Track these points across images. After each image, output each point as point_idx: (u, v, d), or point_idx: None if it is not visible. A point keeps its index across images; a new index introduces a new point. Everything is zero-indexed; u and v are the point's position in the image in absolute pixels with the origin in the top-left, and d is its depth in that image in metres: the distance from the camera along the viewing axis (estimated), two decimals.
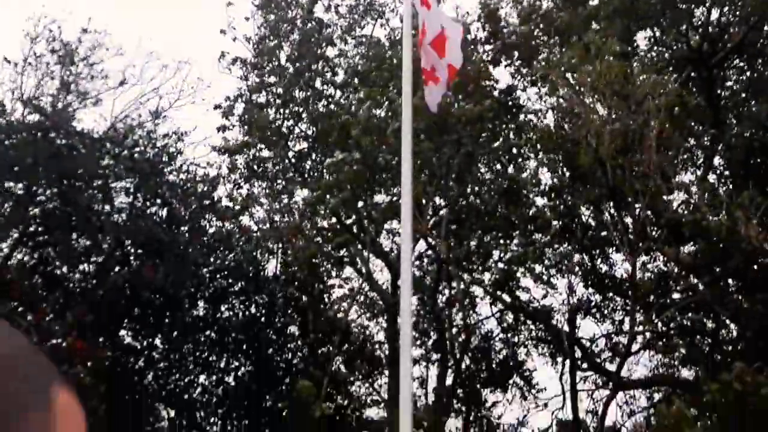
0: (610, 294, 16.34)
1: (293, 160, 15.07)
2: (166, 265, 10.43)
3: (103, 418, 8.90)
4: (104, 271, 10.72)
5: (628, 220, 13.63)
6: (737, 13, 14.01)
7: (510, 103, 14.92)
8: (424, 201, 14.43)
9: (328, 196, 13.74)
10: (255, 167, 14.94)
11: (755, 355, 10.94)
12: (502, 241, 16.27)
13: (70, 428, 0.60)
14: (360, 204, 14.48)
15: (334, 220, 14.98)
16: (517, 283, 17.28)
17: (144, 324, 11.21)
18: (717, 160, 15.01)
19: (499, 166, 15.02)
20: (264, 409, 12.27)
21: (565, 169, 14.35)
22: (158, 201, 11.87)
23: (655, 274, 15.73)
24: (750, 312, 11.79)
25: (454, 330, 14.71)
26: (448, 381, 14.48)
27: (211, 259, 11.94)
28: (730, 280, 12.99)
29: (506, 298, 17.15)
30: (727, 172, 14.88)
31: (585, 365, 16.77)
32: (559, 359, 17.02)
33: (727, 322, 14.15)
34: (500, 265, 16.90)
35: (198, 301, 11.92)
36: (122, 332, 11.30)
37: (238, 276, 12.20)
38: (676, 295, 14.85)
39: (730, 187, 12.73)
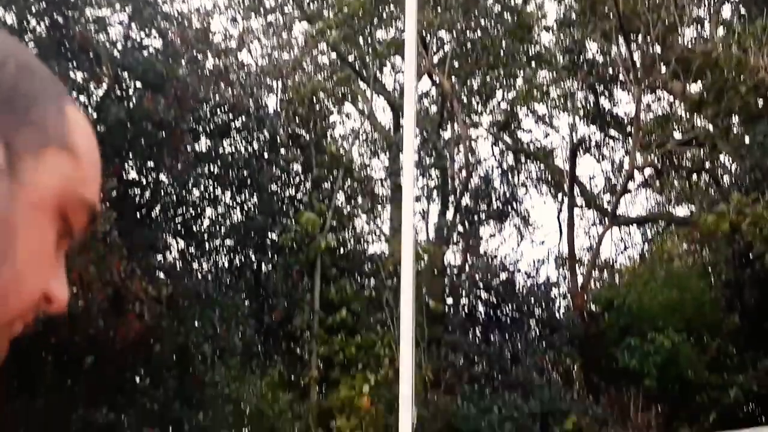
0: (612, 132, 16.33)
1: None
2: (166, 98, 10.31)
3: (116, 244, 9.17)
4: (104, 104, 10.61)
5: (637, 55, 13.33)
6: None
7: None
8: (428, 36, 14.03)
9: (329, 30, 13.34)
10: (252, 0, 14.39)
11: (754, 189, 11.10)
12: (506, 81, 16.03)
13: (80, 134, 0.57)
14: (362, 40, 14.10)
15: (335, 56, 14.64)
16: (519, 124, 17.25)
17: (147, 158, 11.26)
18: None
19: None
20: (270, 242, 12.63)
21: (573, 0, 13.83)
22: (154, 33, 11.53)
23: (659, 116, 15.63)
24: (750, 146, 11.83)
25: (456, 166, 14.82)
26: (449, 216, 14.80)
27: (211, 94, 11.79)
28: (734, 116, 12.92)
29: (507, 140, 17.16)
30: (741, 6, 14.34)
31: (583, 203, 17.10)
32: (558, 197, 17.33)
33: (727, 158, 14.25)
34: (503, 105, 16.77)
35: (200, 136, 11.90)
36: (126, 167, 11.37)
37: (238, 111, 12.10)
38: (677, 135, 14.84)
39: (744, 19, 12.31)
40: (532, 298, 14.42)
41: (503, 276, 14.88)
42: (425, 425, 10.88)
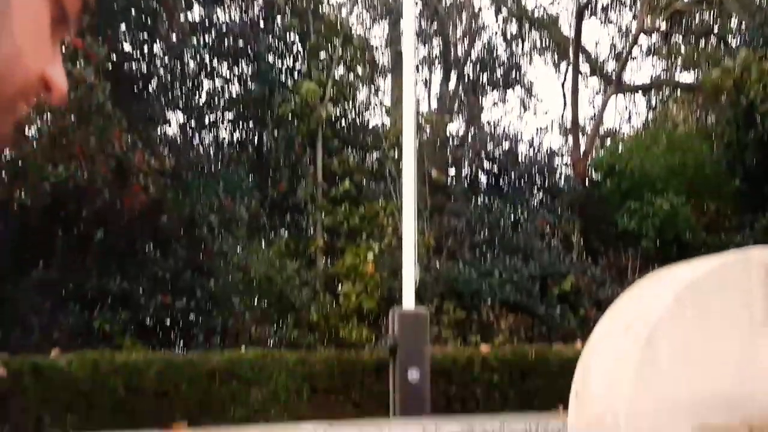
0: None
1: None
2: None
3: (115, 115, 9.11)
4: None
5: None
6: None
7: None
8: None
9: None
10: None
11: (762, 45, 10.82)
12: None
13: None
14: None
15: None
16: None
17: (141, 29, 10.97)
18: None
19: None
20: (270, 114, 12.52)
21: None
22: None
23: None
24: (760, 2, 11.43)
25: (458, 34, 14.44)
26: (451, 86, 14.59)
27: None
28: None
29: (511, 5, 16.60)
30: None
31: (587, 71, 16.79)
32: (563, 66, 16.99)
33: (736, 20, 13.81)
34: None
35: (193, 4, 11.52)
36: (120, 39, 11.09)
37: None
38: None
39: None
40: (535, 167, 14.46)
41: (506, 145, 14.87)
42: (427, 289, 11.24)
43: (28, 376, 4.66)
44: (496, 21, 16.79)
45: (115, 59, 10.26)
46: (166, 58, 11.31)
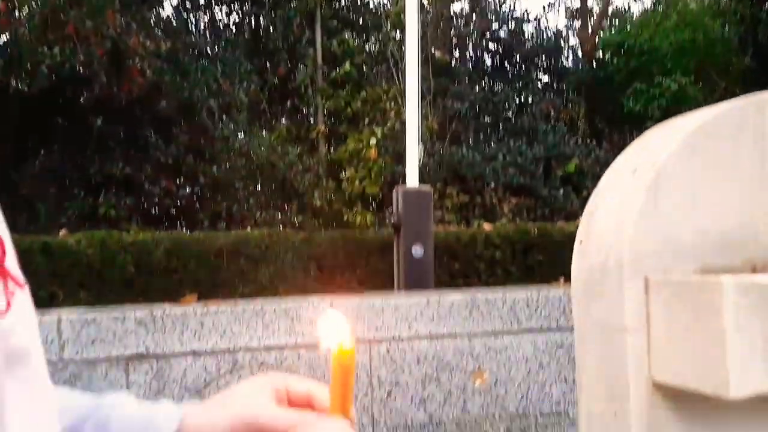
0: None
1: None
2: None
3: None
4: None
5: None
6: None
7: None
8: None
9: None
10: None
11: None
12: None
13: None
14: None
15: None
16: None
17: None
18: None
19: None
20: None
21: None
22: None
23: None
24: None
25: None
26: None
27: None
28: None
29: None
30: None
31: None
32: None
33: None
34: None
35: None
36: None
37: None
38: None
39: None
40: (541, 48, 14.10)
41: (512, 25, 14.42)
42: (431, 173, 11.24)
43: (38, 255, 4.76)
44: None
45: None
46: None
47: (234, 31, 12.31)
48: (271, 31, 12.22)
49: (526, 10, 15.42)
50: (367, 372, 3.26)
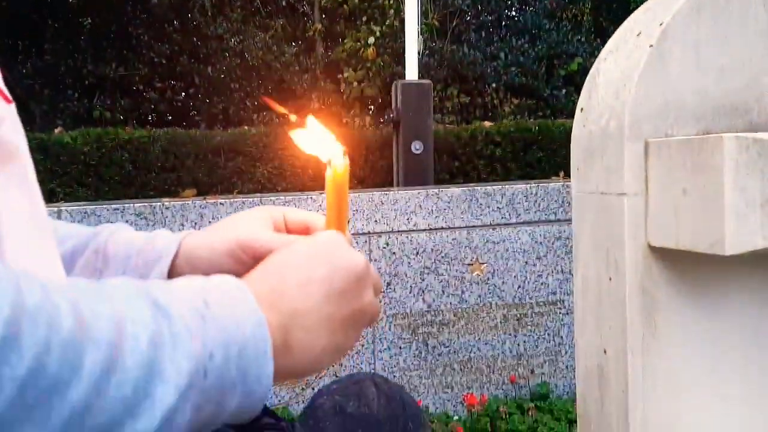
0: None
1: None
2: None
3: None
4: None
5: None
6: None
7: None
8: None
9: None
10: None
11: None
12: None
13: None
14: None
15: None
16: None
17: None
18: None
19: None
20: None
21: None
22: None
23: None
24: None
25: None
26: None
27: None
28: None
29: None
30: None
31: None
32: None
33: None
34: None
35: None
36: None
37: None
38: None
39: None
40: None
41: None
42: (431, 73, 11.03)
43: (35, 152, 4.73)
44: None
45: None
46: None
47: None
48: None
49: None
50: None
